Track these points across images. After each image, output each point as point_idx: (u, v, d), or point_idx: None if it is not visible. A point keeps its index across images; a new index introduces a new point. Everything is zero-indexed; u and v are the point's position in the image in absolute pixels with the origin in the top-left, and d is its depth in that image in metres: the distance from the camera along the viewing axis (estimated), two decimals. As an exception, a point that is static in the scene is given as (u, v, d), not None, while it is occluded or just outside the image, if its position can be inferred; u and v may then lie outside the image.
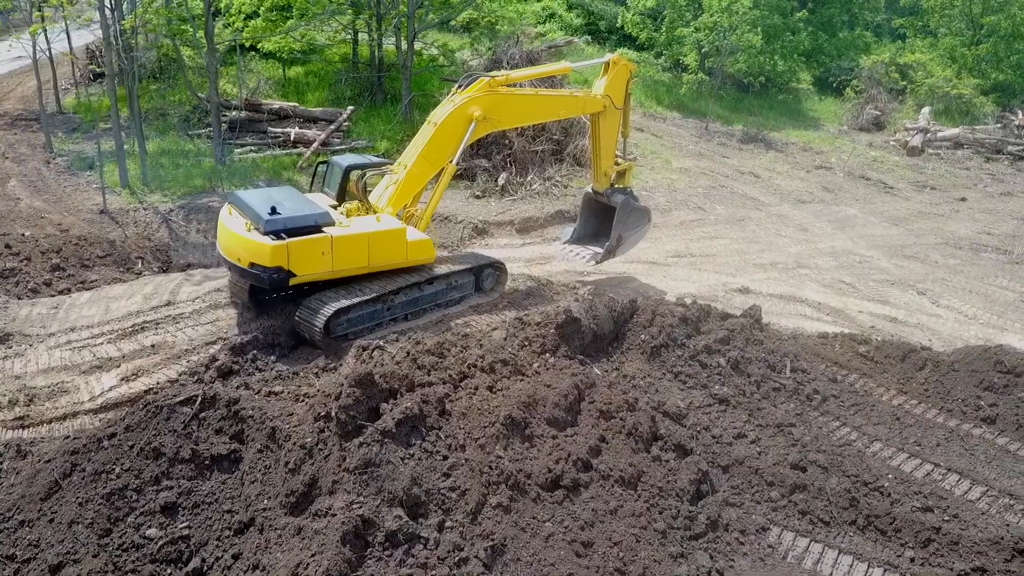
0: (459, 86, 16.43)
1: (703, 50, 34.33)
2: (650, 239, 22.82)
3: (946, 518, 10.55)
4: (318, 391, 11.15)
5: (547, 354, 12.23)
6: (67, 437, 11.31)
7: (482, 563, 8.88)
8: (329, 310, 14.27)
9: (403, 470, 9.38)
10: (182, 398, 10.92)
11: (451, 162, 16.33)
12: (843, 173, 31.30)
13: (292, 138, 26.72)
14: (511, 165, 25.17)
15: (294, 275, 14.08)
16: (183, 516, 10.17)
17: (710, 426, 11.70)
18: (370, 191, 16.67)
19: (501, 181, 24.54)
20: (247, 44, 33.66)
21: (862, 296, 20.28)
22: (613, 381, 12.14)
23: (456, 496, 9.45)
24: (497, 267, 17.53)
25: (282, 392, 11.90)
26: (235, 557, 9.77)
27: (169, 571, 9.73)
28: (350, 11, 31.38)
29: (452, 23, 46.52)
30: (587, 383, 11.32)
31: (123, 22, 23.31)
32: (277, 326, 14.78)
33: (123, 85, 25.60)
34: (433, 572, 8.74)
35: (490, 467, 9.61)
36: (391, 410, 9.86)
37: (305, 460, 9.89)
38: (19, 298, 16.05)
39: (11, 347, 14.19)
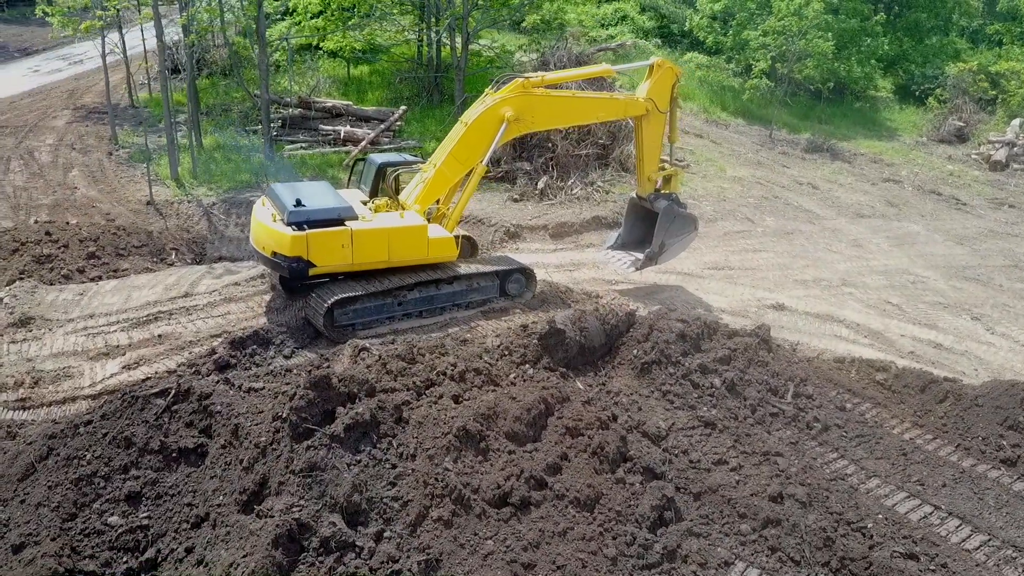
0: (494, 86, 16.38)
1: (770, 55, 33.09)
2: (689, 249, 22.19)
3: (932, 567, 9.76)
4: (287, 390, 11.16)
5: (527, 365, 11.94)
6: (53, 421, 11.67)
7: (415, 577, 8.71)
8: (332, 299, 14.41)
9: (347, 476, 9.30)
10: (157, 390, 11.15)
11: (481, 163, 16.23)
12: (912, 187, 29.66)
13: (342, 136, 27.11)
14: (553, 169, 24.84)
15: (313, 265, 14.34)
16: (145, 506, 10.36)
17: (689, 450, 11.17)
18: (402, 189, 16.84)
19: (540, 185, 24.26)
20: (314, 43, 34.42)
21: (908, 319, 19.12)
22: (593, 397, 11.74)
23: (398, 506, 9.30)
24: (526, 273, 17.24)
25: (262, 389, 11.98)
26: (188, 551, 9.88)
27: (125, 559, 9.93)
28: (411, 12, 31.65)
29: (522, 24, 46.61)
30: (559, 397, 10.98)
31: (179, 19, 24.11)
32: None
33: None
34: (360, 583, 8.61)
35: (436, 479, 9.41)
36: (345, 415, 9.77)
37: (258, 459, 9.92)
38: (51, 284, 16.74)
39: (31, 331, 14.82)
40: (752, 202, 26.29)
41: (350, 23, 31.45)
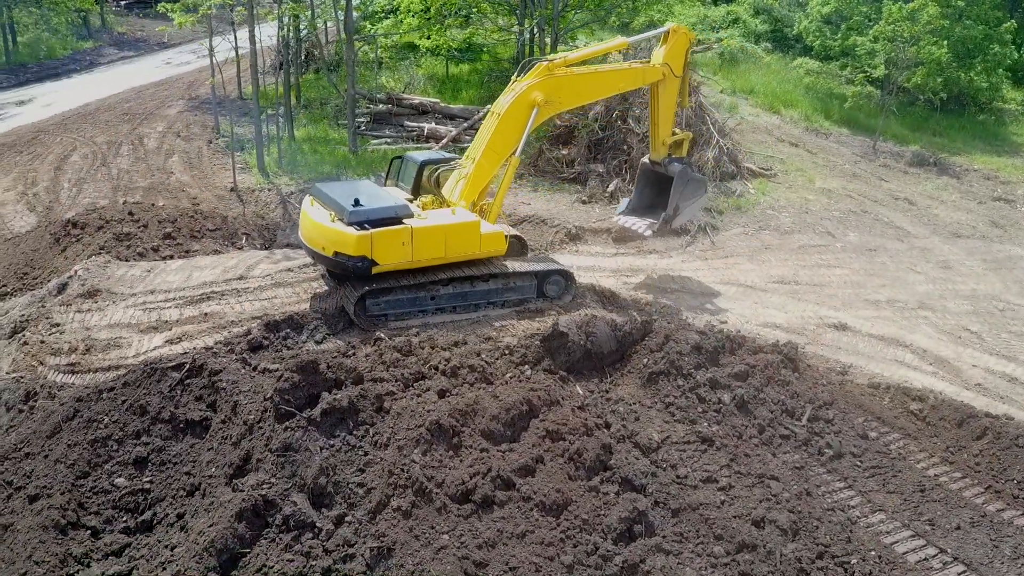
0: (518, 73, 16.53)
1: (880, 62, 31.38)
2: (757, 262, 21.48)
3: (913, 612, 9.13)
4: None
5: (526, 366, 11.95)
6: (85, 386, 12.62)
7: (365, 562, 8.93)
8: (363, 289, 14.85)
9: (316, 459, 9.62)
10: (174, 363, 11.87)
11: (515, 154, 16.40)
12: (1026, 207, 27.45)
13: (425, 133, 27.74)
14: (626, 172, 24.52)
15: (376, 264, 14.75)
16: (150, 471, 11.09)
17: (679, 464, 10.87)
18: (442, 186, 17.15)
19: (611, 188, 24.01)
20: (414, 41, 35.35)
21: (985, 348, 17.76)
22: (590, 403, 11.62)
23: (363, 493, 9.55)
24: (565, 275, 17.18)
25: (276, 370, 12.51)
26: (179, 516, 10.52)
27: (124, 519, 10.66)
28: (507, 13, 32.01)
29: (631, 25, 46.18)
30: (547, 400, 10.93)
31: (268, 15, 25.38)
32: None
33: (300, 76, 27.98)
34: (314, 562, 8.92)
35: (401, 469, 9.60)
36: (324, 400, 10.11)
37: (245, 436, 10.42)
38: (125, 260, 18.03)
39: (96, 302, 16.03)
40: (837, 215, 25.05)
41: (447, 23, 32.10)
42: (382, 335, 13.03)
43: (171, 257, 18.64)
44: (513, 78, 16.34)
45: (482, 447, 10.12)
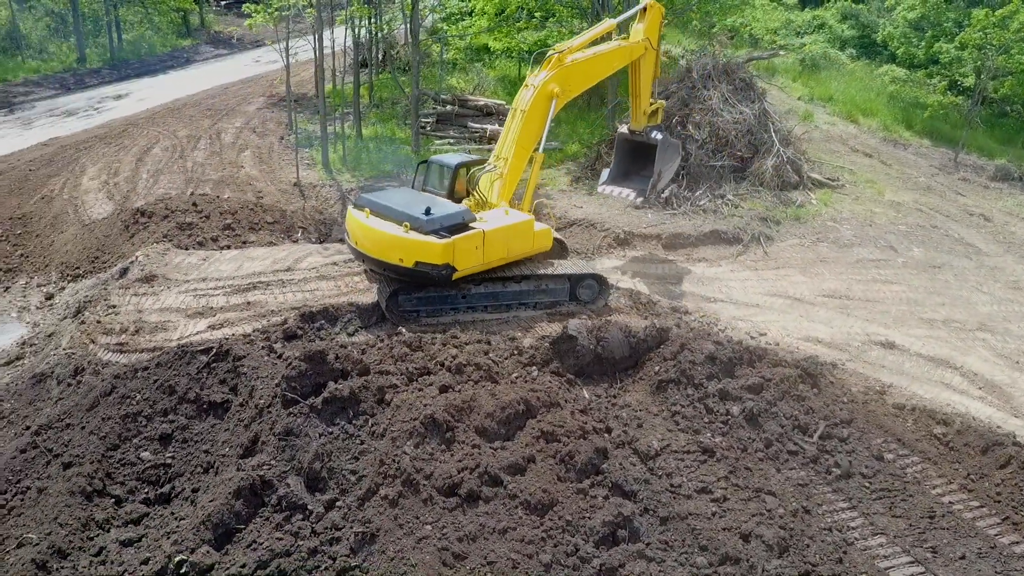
0: (532, 67, 17.01)
1: (963, 69, 30.03)
2: (809, 275, 20.99)
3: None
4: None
5: (534, 367, 12.12)
6: (123, 364, 13.48)
7: (350, 546, 9.32)
8: (397, 284, 15.31)
9: (313, 444, 10.07)
10: (203, 347, 12.56)
11: (537, 150, 16.82)
12: (1118, 228, 25.79)
13: (488, 134, 28.13)
14: (682, 178, 24.30)
15: (456, 270, 15.00)
16: (173, 448, 11.79)
17: (674, 473, 10.86)
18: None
19: (666, 193, 23.82)
20: (488, 43, 35.83)
21: (1044, 375, 16.92)
22: (593, 406, 11.71)
23: (355, 479, 9.95)
24: (598, 280, 17.26)
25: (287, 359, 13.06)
26: (194, 490, 11.16)
27: (146, 490, 11.38)
28: (578, 16, 32.10)
29: (712, 30, 45.50)
30: (546, 401, 11.09)
31: (339, 19, 26.26)
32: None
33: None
34: (301, 543, 9.37)
35: (393, 460, 9.95)
36: (328, 389, 10.56)
37: (255, 419, 10.98)
38: (185, 248, 19.07)
39: (152, 287, 17.04)
40: (903, 230, 24.16)
41: (518, 25, 32.44)
42: (402, 330, 13.43)
43: (228, 247, 19.58)
44: (529, 71, 16.69)
45: (474, 443, 10.37)
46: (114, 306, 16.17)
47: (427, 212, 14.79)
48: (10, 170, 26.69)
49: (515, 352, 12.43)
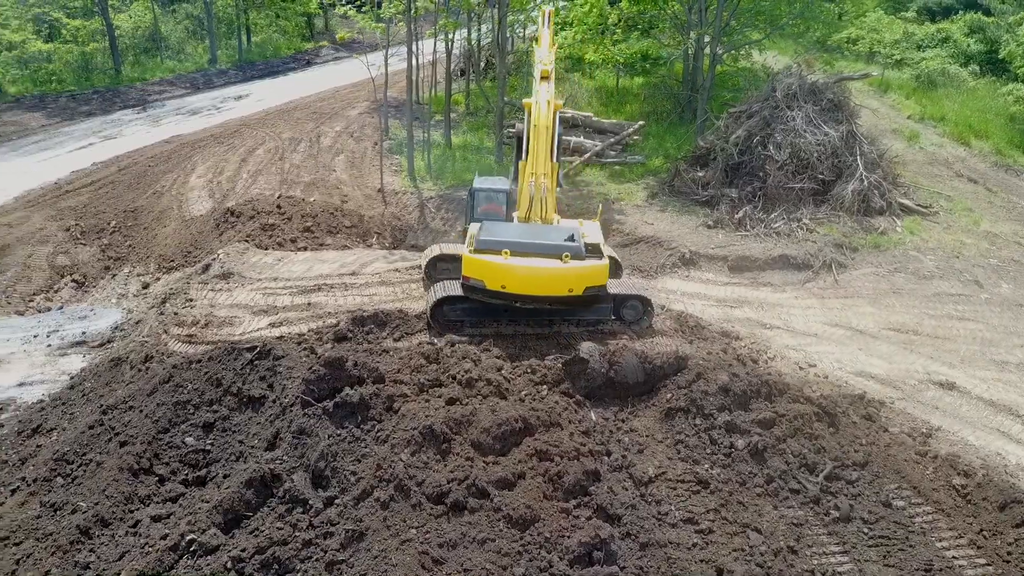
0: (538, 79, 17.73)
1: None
2: (879, 306, 20.43)
3: None
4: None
5: (544, 386, 12.59)
6: (183, 355, 14.86)
7: (340, 541, 10.15)
8: (442, 295, 16.13)
9: (321, 444, 10.96)
10: (248, 345, 13.74)
11: (555, 160, 17.40)
12: None
13: (571, 147, 28.57)
14: (759, 199, 23.99)
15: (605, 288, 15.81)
16: (213, 436, 12.99)
17: (664, 501, 11.10)
18: None
19: (739, 214, 23.61)
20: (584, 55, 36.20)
21: (1118, 431, 15.91)
22: (597, 429, 12.08)
23: (354, 480, 10.77)
24: (643, 301, 17.47)
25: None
26: (225, 476, 12.29)
27: (185, 472, 12.61)
28: (670, 29, 32.06)
29: (827, 42, 44.16)
30: (545, 421, 11.56)
31: (429, 33, 27.34)
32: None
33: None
34: (298, 534, 10.28)
35: (390, 465, 10.70)
36: (341, 394, 11.44)
37: (278, 416, 12.01)
38: (264, 248, 20.57)
39: (228, 283, 18.55)
40: (993, 263, 22.96)
41: (613, 36, 32.71)
42: (434, 340, 14.19)
43: (304, 249, 20.97)
44: (536, 84, 17.54)
45: (469, 456, 10.98)
46: (191, 299, 17.74)
47: (571, 238, 15.35)
48: (133, 165, 29.30)
49: (528, 370, 12.94)
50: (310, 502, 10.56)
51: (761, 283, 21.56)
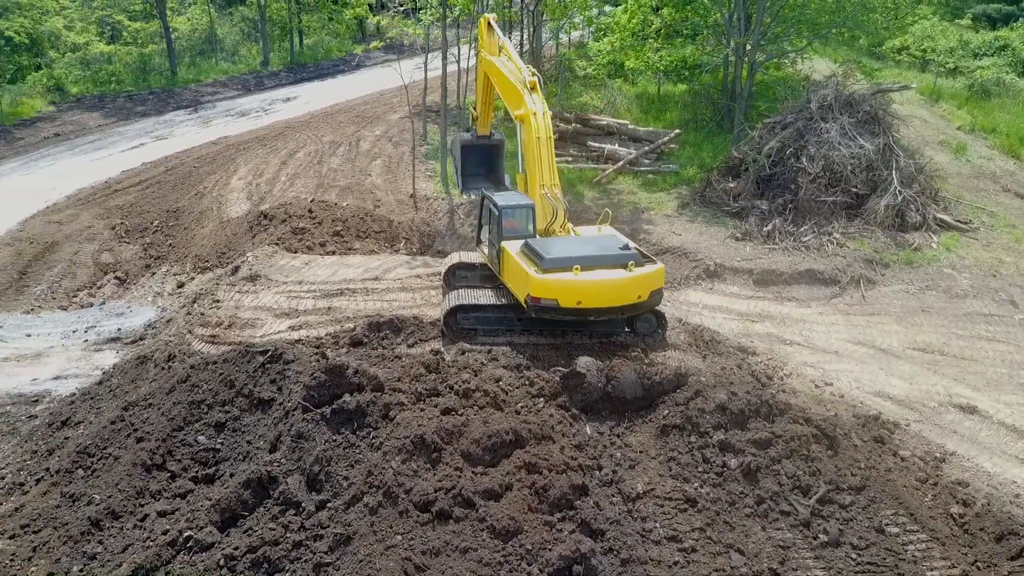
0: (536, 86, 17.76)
1: None
2: (905, 324, 20.07)
3: None
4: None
5: (542, 399, 12.78)
6: (201, 355, 15.45)
7: (328, 544, 10.52)
8: (455, 303, 16.45)
9: (316, 449, 11.36)
10: (261, 348, 14.24)
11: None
12: None
13: (605, 154, 28.65)
14: (789, 212, 23.73)
15: None
16: (224, 435, 13.51)
17: (649, 518, 11.20)
18: None
19: (768, 227, 23.39)
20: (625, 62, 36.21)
21: None
22: (590, 443, 12.23)
23: (346, 485, 11.13)
24: (657, 315, 17.48)
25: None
26: (231, 475, 12.78)
27: (196, 469, 13.15)
28: (711, 37, 31.86)
29: (879, 49, 43.28)
30: (536, 434, 11.74)
31: (463, 40, 27.68)
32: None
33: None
34: (289, 535, 10.69)
35: (380, 472, 11.04)
36: (339, 401, 11.82)
37: (281, 420, 12.45)
38: (293, 252, 21.17)
39: (255, 285, 19.17)
40: (1032, 283, 22.32)
41: (652, 43, 32.66)
42: (441, 349, 14.50)
43: (332, 253, 21.51)
44: (537, 94, 17.51)
45: (458, 466, 11.25)
46: (218, 300, 18.40)
47: (627, 247, 15.77)
48: (179, 166, 30.37)
49: (526, 382, 13.14)
50: (303, 505, 10.96)
51: (786, 298, 21.36)
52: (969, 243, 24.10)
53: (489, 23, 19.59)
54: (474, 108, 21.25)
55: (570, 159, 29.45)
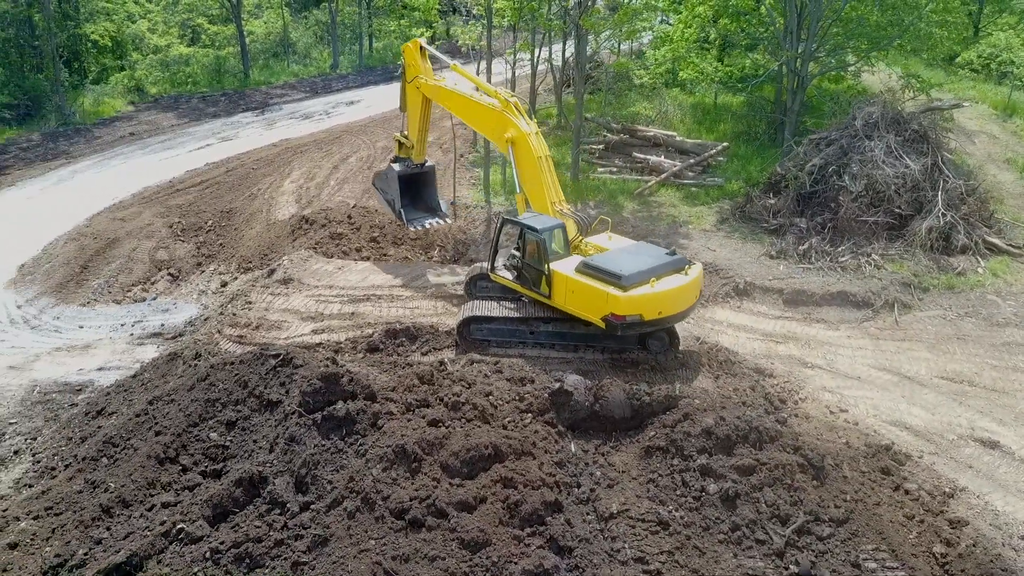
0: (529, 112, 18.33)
1: None
2: (937, 352, 19.56)
3: None
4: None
5: (530, 414, 13.09)
6: (221, 355, 16.30)
7: (307, 544, 11.12)
8: (466, 314, 16.92)
9: (304, 453, 11.97)
10: (274, 352, 14.98)
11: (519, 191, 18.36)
12: None
13: (650, 165, 28.63)
14: (828, 231, 23.31)
15: None
16: (234, 433, 14.29)
17: (620, 538, 11.41)
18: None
19: (804, 246, 23.03)
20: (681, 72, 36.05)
21: None
22: (572, 460, 12.50)
23: (329, 489, 11.71)
24: (671, 334, 17.54)
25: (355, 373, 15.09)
26: (237, 473, 13.53)
27: (206, 464, 13.95)
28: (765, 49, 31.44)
29: (955, 60, 41.81)
30: (516, 449, 12.07)
31: (508, 52, 28.09)
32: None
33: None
34: (272, 534, 11.33)
35: (361, 478, 11.57)
36: (330, 408, 12.42)
37: (281, 422, 13.12)
38: (329, 256, 21.99)
39: (287, 288, 20.04)
40: (1082, 312, 21.36)
41: (708, 54, 32.44)
42: (444, 360, 14.97)
43: (367, 259, 22.23)
44: (528, 118, 17.83)
45: (436, 477, 11.68)
46: (250, 302, 19.33)
47: (673, 252, 16.52)
48: (239, 167, 31.74)
49: (516, 397, 13.47)
50: (288, 505, 11.58)
51: (815, 319, 21.03)
52: (1020, 268, 23.21)
53: (421, 47, 19.80)
54: (404, 137, 21.21)
55: (615, 170, 29.53)
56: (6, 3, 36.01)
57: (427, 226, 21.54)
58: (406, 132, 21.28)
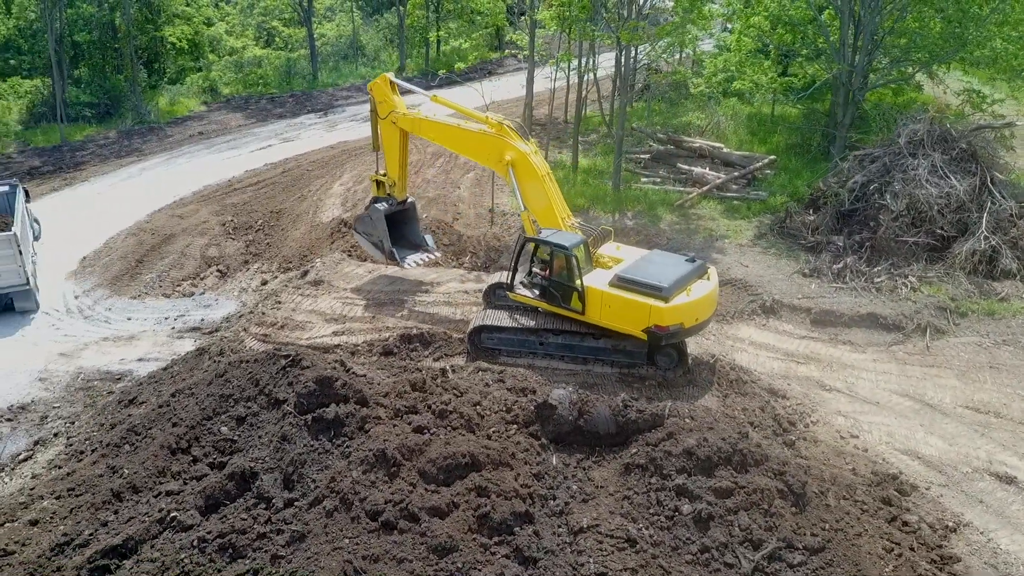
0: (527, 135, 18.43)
1: None
2: (966, 380, 19.01)
3: None
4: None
5: (515, 426, 13.41)
6: (239, 354, 17.13)
7: (286, 539, 11.74)
8: (478, 323, 17.37)
9: (293, 452, 12.61)
10: (285, 353, 15.71)
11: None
12: None
13: (694, 176, 28.48)
14: (865, 250, 22.79)
15: None
16: (242, 428, 15.05)
17: (586, 552, 11.62)
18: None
19: (839, 265, 22.58)
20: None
21: None
22: (551, 473, 12.78)
23: (313, 487, 12.30)
24: (679, 350, 17.59)
25: (362, 376, 15.70)
26: (231, 466, 14.28)
27: (214, 456, 14.76)
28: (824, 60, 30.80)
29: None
30: (495, 460, 12.40)
31: (551, 62, 28.32)
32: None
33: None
34: (255, 526, 11.98)
35: (342, 479, 12.13)
36: (321, 410, 13.03)
37: (280, 420, 13.80)
38: (362, 260, 22.73)
39: (316, 290, 20.86)
40: None
41: (765, 65, 32.02)
42: (446, 368, 15.44)
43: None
44: (527, 139, 18.21)
45: (413, 482, 12.13)
46: (280, 302, 20.22)
47: (693, 259, 17.14)
48: (295, 168, 32.96)
49: (504, 408, 13.80)
50: (274, 501, 12.22)
51: (841, 341, 20.63)
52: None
53: (391, 81, 19.55)
54: (382, 176, 20.71)
55: (658, 180, 29.46)
56: (91, 7, 38.23)
57: (421, 262, 20.92)
58: (383, 172, 20.82)
